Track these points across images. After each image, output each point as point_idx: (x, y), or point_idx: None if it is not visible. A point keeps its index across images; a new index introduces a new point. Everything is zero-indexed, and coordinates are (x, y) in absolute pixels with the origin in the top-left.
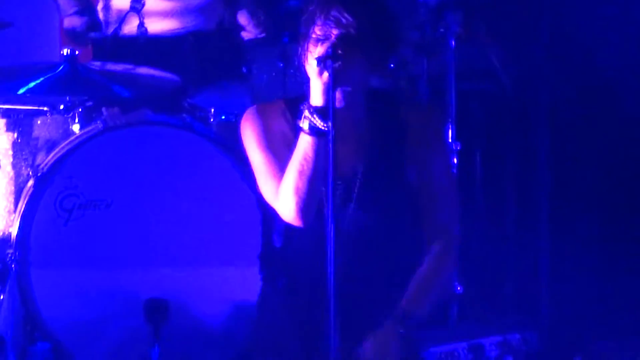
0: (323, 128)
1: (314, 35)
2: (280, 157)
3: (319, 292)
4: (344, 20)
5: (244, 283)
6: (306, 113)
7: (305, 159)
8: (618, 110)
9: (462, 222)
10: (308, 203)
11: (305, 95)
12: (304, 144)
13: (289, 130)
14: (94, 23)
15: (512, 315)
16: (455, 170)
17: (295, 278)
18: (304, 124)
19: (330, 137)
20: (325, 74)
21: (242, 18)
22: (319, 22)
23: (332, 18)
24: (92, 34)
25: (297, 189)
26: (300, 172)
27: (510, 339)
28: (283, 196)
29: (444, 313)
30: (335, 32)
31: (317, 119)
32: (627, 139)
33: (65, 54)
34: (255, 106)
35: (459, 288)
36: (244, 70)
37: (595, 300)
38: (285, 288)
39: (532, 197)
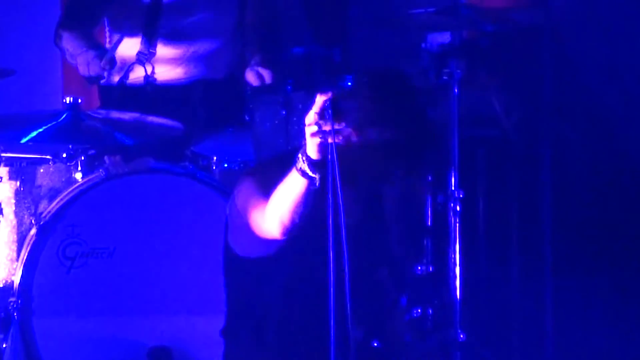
0: (313, 176)
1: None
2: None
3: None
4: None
5: None
6: (299, 162)
7: (291, 193)
8: (623, 155)
9: (465, 269)
10: (290, 224)
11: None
12: (293, 179)
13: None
14: (105, 55)
15: None
16: (458, 218)
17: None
18: (297, 165)
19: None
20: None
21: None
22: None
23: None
24: (104, 70)
25: (278, 215)
26: (284, 202)
27: None
28: (266, 224)
29: None
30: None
31: (307, 168)
32: (633, 185)
33: (67, 102)
34: (249, 176)
35: (461, 336)
36: (247, 118)
37: (600, 350)
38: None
39: (536, 244)
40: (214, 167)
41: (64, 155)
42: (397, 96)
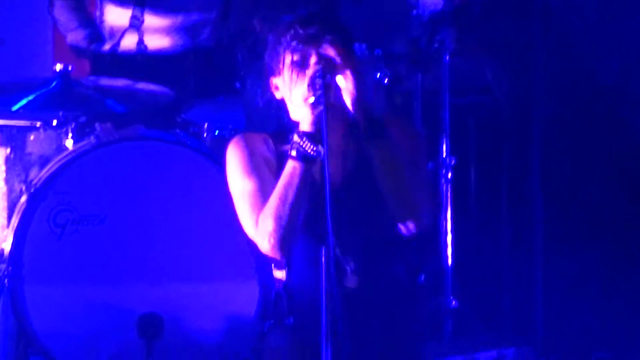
0: (312, 153)
1: (288, 62)
2: (265, 185)
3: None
4: (317, 35)
5: (239, 298)
6: (295, 138)
7: (290, 185)
8: (614, 123)
9: (456, 237)
10: (287, 232)
11: (287, 128)
12: (290, 170)
13: (274, 160)
14: (96, 35)
15: (507, 330)
16: (450, 185)
17: (302, 315)
18: (293, 151)
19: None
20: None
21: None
22: (289, 48)
23: (302, 38)
24: (92, 48)
25: (278, 217)
26: (283, 200)
27: (505, 354)
28: (263, 224)
29: (438, 328)
30: (312, 51)
31: (307, 143)
32: (623, 152)
33: (58, 69)
34: (242, 134)
35: (453, 302)
36: (238, 85)
37: (590, 314)
38: (294, 326)
39: (526, 211)
40: (205, 135)
41: (55, 122)
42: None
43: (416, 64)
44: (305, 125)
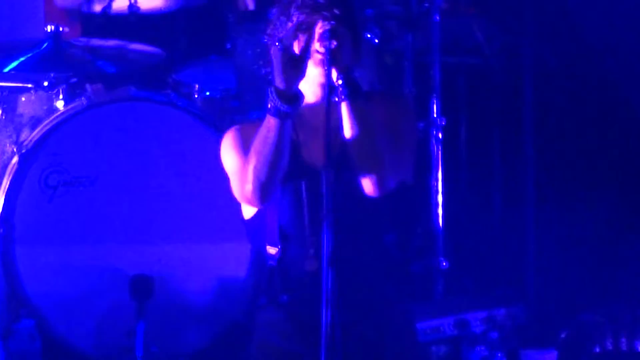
0: (284, 109)
1: (294, 29)
2: None
3: (320, 300)
4: (325, 5)
5: (230, 259)
6: (270, 95)
7: (267, 138)
8: (605, 82)
9: (447, 197)
10: (266, 184)
11: None
12: (267, 123)
13: None
14: None
15: (498, 290)
16: (440, 146)
17: (295, 291)
18: (269, 104)
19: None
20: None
21: None
22: (294, 14)
23: (308, 6)
24: (82, 9)
25: (255, 168)
26: (260, 151)
27: (495, 314)
28: (244, 175)
29: (429, 288)
30: (316, 17)
31: (279, 100)
32: (613, 112)
33: (49, 30)
34: (237, 126)
35: (444, 263)
36: (228, 46)
37: (580, 273)
38: (288, 303)
39: (517, 172)
40: (196, 95)
41: (46, 83)
42: None
43: (407, 23)
44: (277, 80)
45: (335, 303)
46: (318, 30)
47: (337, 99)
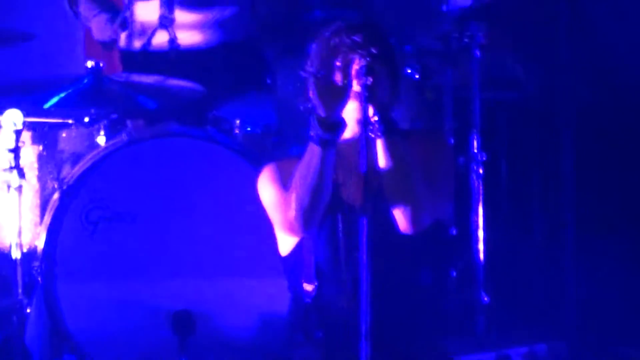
0: (325, 137)
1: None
2: None
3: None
4: (362, 43)
5: (270, 294)
6: (312, 123)
7: (309, 167)
8: None
9: (488, 232)
10: (309, 210)
11: None
12: (309, 151)
13: None
14: (118, 18)
15: (539, 326)
16: (481, 181)
17: (331, 328)
18: (311, 132)
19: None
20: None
21: None
22: (333, 51)
23: (345, 43)
24: (122, 47)
25: (298, 197)
26: (303, 180)
27: (536, 350)
28: (287, 204)
29: (470, 324)
30: (354, 54)
31: (319, 128)
32: None
33: (89, 66)
34: (274, 162)
35: (485, 298)
36: (269, 81)
37: (622, 308)
38: (324, 340)
39: (558, 206)
40: (237, 131)
41: (87, 119)
42: None
43: (446, 59)
44: (320, 109)
45: (371, 340)
46: (355, 66)
47: (372, 135)
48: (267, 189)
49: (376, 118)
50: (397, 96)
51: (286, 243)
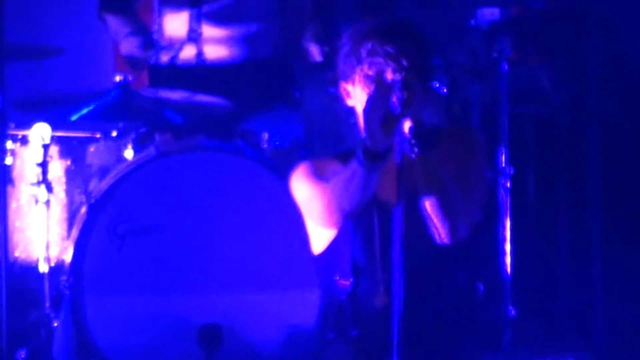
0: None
1: (363, 74)
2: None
3: (389, 337)
4: (394, 53)
5: (299, 308)
6: (358, 149)
7: (350, 182)
8: None
9: (515, 246)
10: (347, 210)
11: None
12: (354, 167)
13: None
14: (149, 43)
15: (566, 339)
16: (508, 195)
17: (366, 326)
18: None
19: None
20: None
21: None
22: (366, 61)
23: (381, 53)
24: (145, 57)
25: (337, 200)
26: (343, 191)
27: None
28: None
29: (498, 337)
30: (389, 67)
31: (366, 159)
32: None
33: (118, 80)
34: (308, 161)
35: (512, 312)
36: (297, 95)
37: None
38: (358, 338)
39: (585, 220)
40: (265, 145)
41: (115, 133)
42: None
43: (474, 73)
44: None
45: (404, 341)
46: (388, 77)
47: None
48: (302, 183)
49: (410, 132)
50: (424, 108)
51: (321, 239)
